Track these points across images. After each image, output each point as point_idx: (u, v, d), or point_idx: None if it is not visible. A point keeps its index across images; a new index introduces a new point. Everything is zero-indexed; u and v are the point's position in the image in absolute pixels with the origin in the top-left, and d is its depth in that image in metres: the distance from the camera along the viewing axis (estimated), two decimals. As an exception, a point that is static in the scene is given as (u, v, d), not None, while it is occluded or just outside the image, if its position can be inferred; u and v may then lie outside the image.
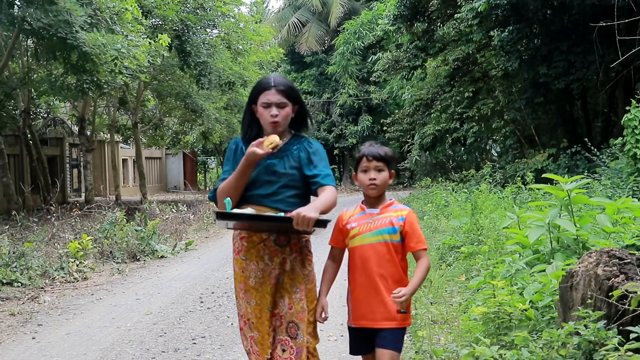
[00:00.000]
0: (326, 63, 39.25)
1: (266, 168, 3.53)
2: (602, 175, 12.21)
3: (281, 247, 3.54)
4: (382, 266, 3.44)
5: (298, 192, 3.56)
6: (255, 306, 3.50)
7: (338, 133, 39.95)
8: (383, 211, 3.50)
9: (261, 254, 3.53)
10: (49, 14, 12.28)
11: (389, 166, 3.50)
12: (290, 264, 3.54)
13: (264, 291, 3.51)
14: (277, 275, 3.52)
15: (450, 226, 11.47)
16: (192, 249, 13.06)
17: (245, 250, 3.56)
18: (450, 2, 18.85)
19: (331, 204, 3.41)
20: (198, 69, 19.38)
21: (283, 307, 3.51)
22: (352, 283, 3.54)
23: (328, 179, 3.53)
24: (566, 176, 6.50)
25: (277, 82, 3.54)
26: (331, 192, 3.46)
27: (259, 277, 3.52)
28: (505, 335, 4.61)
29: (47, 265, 9.63)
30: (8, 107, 19.35)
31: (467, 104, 21.81)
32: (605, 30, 13.01)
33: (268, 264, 3.52)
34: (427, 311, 6.30)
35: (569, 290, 4.17)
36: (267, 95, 3.50)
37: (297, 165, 3.56)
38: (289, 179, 3.54)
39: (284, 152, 3.57)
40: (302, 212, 3.20)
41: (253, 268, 3.53)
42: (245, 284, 3.54)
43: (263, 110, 3.51)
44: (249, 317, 3.52)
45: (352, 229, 3.52)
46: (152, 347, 5.93)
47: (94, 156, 28.26)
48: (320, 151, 3.63)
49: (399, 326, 3.45)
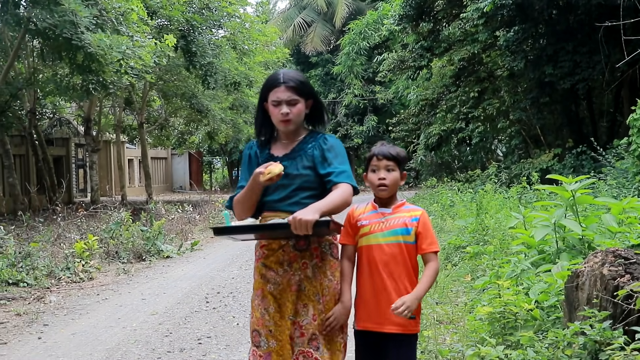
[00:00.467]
0: (331, 63, 39.27)
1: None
2: (607, 175, 12.19)
3: (301, 252, 3.34)
4: (394, 268, 3.28)
5: (314, 193, 3.34)
6: (275, 313, 3.31)
7: (343, 133, 39.94)
8: (395, 211, 3.36)
9: (280, 261, 3.35)
10: (54, 14, 12.31)
11: (400, 166, 3.36)
12: (312, 270, 3.34)
13: (285, 298, 3.32)
14: (298, 281, 3.33)
15: (456, 226, 11.46)
16: (197, 249, 13.08)
17: (265, 257, 3.39)
18: (456, 2, 18.84)
19: (341, 203, 3.21)
20: (204, 69, 19.41)
21: (306, 317, 3.31)
22: (360, 284, 3.38)
23: (342, 175, 3.31)
24: (572, 176, 6.48)
25: (287, 77, 3.33)
26: (343, 190, 3.25)
27: (278, 284, 3.34)
28: (510, 335, 4.60)
29: (52, 265, 9.66)
30: (14, 107, 19.41)
31: (473, 103, 21.78)
32: (611, 30, 13.00)
33: (287, 270, 3.34)
34: (432, 311, 6.31)
35: (574, 290, 4.16)
36: (277, 92, 3.31)
37: (311, 165, 3.36)
38: (303, 180, 3.35)
39: (297, 152, 3.40)
40: (298, 215, 3.02)
41: (272, 275, 3.35)
42: (263, 290, 3.36)
43: (273, 108, 3.33)
44: (265, 325, 3.30)
45: (363, 226, 3.36)
46: (158, 347, 5.94)
47: (100, 156, 28.34)
48: (336, 147, 3.41)
49: (407, 332, 3.28)
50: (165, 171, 42.74)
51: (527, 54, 17.81)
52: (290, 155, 3.39)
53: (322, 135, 3.45)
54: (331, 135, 3.51)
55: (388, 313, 3.20)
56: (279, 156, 3.38)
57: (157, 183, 37.52)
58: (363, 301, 3.36)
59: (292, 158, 3.38)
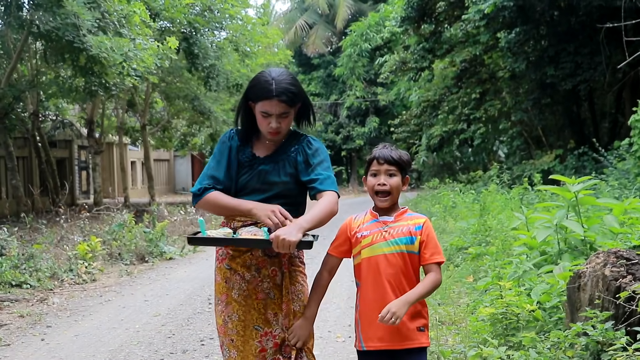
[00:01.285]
0: (333, 65, 39.32)
1: (259, 174, 3.21)
2: (609, 176, 12.20)
3: (270, 258, 3.17)
4: (398, 279, 3.04)
5: (292, 200, 3.21)
6: (238, 322, 3.14)
7: (345, 135, 39.97)
8: (398, 219, 3.12)
9: (247, 264, 3.16)
10: (57, 17, 12.34)
11: (403, 171, 3.13)
12: (281, 278, 3.18)
13: (249, 306, 3.14)
14: (266, 288, 3.16)
15: (458, 227, 11.47)
16: (200, 250, 13.08)
17: (230, 258, 3.19)
18: (457, 4, 18.86)
19: (326, 215, 3.03)
20: (206, 71, 19.43)
21: (276, 326, 3.14)
22: (364, 299, 3.13)
23: (327, 182, 3.15)
24: (573, 177, 6.50)
25: (279, 90, 3.08)
26: (328, 200, 3.07)
27: (243, 290, 3.15)
28: (512, 336, 4.62)
29: (56, 267, 9.67)
30: (17, 109, 19.42)
31: (475, 105, 21.82)
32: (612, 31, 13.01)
33: (255, 275, 3.15)
34: (435, 312, 6.32)
35: (576, 291, 4.17)
36: (268, 105, 3.10)
37: (293, 172, 3.21)
38: (282, 187, 3.19)
39: (280, 155, 3.24)
40: (281, 235, 2.83)
41: (238, 279, 3.16)
42: (228, 295, 3.17)
43: (262, 119, 3.14)
44: (228, 333, 3.15)
45: (365, 237, 3.11)
46: (161, 349, 5.96)
47: (103, 158, 28.34)
48: (320, 151, 3.25)
49: (417, 346, 3.06)
50: (168, 173, 42.75)
51: (528, 55, 17.83)
52: (273, 158, 3.23)
53: (305, 138, 3.30)
54: (314, 138, 3.34)
55: (396, 329, 2.99)
56: (261, 157, 3.24)
57: (159, 185, 37.52)
58: (368, 318, 3.08)
59: (275, 161, 3.23)
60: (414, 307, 3.03)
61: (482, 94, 21.76)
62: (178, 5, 17.72)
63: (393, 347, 3.03)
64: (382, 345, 3.04)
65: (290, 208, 3.13)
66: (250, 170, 3.22)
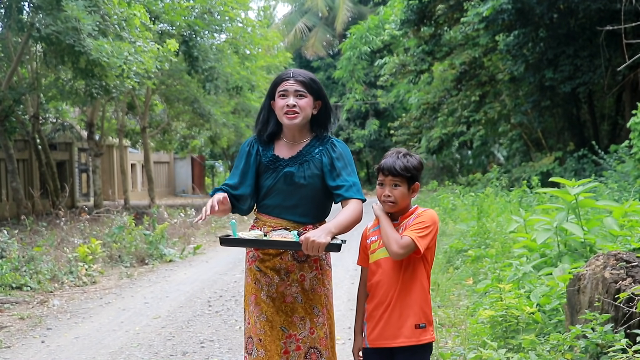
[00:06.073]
0: (333, 67, 39.34)
1: (285, 177, 3.25)
2: (609, 179, 12.21)
3: (299, 263, 3.24)
4: (401, 280, 3.07)
5: (319, 203, 3.29)
6: (266, 322, 3.19)
7: (345, 137, 39.99)
8: (402, 220, 3.14)
9: (277, 268, 3.24)
10: (57, 20, 12.36)
11: (410, 180, 3.13)
12: (310, 283, 3.26)
13: (277, 307, 3.22)
14: (294, 292, 3.23)
15: (457, 229, 11.48)
16: (200, 252, 13.09)
17: (260, 260, 3.26)
18: (457, 7, 18.89)
19: (352, 221, 3.11)
20: (205, 74, 19.44)
21: (303, 330, 3.21)
22: (370, 301, 3.19)
23: (352, 190, 3.20)
24: (573, 179, 6.52)
25: (297, 72, 3.25)
26: (353, 208, 3.14)
27: (272, 292, 3.23)
28: (512, 338, 4.62)
29: (56, 269, 9.67)
30: (17, 112, 19.42)
31: (474, 107, 21.85)
32: (612, 34, 13.05)
33: (284, 279, 3.23)
34: (434, 314, 6.32)
35: (576, 293, 4.18)
36: (285, 84, 3.21)
37: (318, 173, 3.25)
38: (309, 189, 3.25)
39: (304, 156, 3.27)
40: (311, 237, 2.91)
41: (267, 281, 3.24)
42: (257, 296, 3.23)
43: (280, 100, 3.21)
44: (257, 333, 3.20)
45: (373, 242, 3.18)
46: (161, 351, 5.97)
47: (103, 161, 28.35)
48: (344, 155, 3.29)
49: (419, 342, 3.07)
50: (168, 175, 42.75)
51: (527, 57, 17.85)
52: (297, 159, 3.27)
53: (329, 139, 3.33)
54: (338, 140, 3.37)
55: (398, 327, 3.06)
56: (285, 158, 3.27)
57: (159, 187, 37.52)
58: (373, 318, 3.15)
59: (299, 163, 3.27)
60: (413, 304, 3.06)
61: (481, 96, 21.78)
62: (178, 8, 17.75)
63: (394, 344, 3.06)
64: (384, 342, 3.09)
65: (320, 211, 3.28)
66: (275, 173, 3.28)
